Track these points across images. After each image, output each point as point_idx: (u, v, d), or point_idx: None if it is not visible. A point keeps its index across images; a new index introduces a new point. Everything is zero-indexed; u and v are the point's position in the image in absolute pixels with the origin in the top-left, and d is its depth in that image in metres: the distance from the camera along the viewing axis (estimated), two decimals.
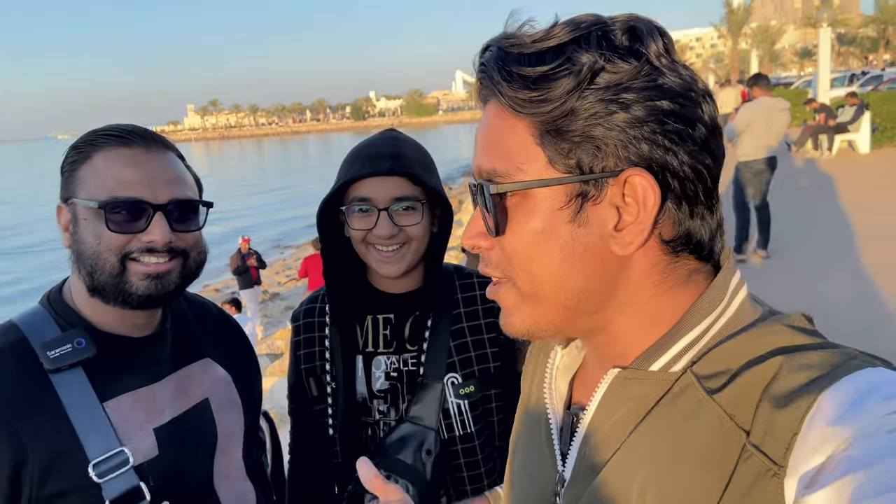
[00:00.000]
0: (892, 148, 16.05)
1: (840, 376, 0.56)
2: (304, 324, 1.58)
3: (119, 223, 1.12)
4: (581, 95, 0.62)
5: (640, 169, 0.62)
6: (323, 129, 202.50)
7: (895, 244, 7.79)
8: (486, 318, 1.52)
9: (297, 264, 14.62)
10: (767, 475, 0.56)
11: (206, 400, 1.28)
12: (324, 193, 1.43)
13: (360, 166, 1.38)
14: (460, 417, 1.46)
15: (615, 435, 0.68)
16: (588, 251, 0.65)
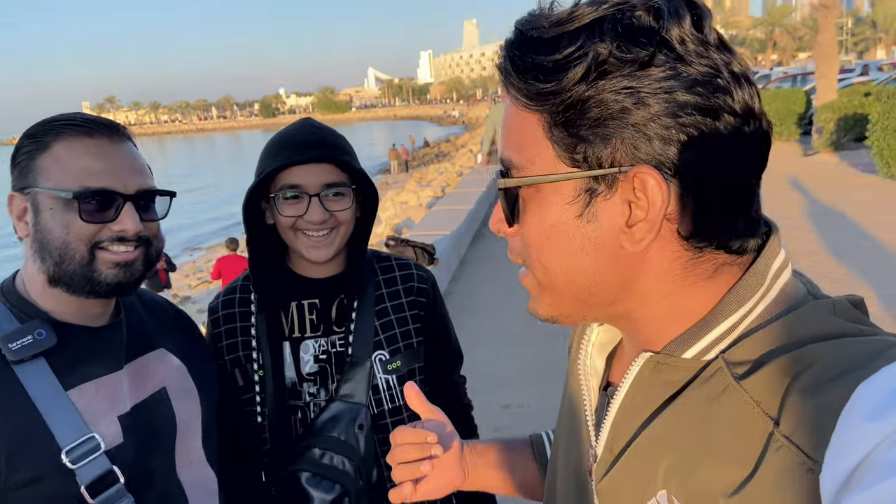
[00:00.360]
0: (780, 143, 17.17)
1: (878, 367, 0.52)
2: (223, 315, 1.59)
3: (91, 213, 1.14)
4: (590, 87, 0.59)
5: (648, 167, 0.59)
6: (230, 127, 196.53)
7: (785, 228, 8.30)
8: (407, 296, 1.61)
9: (208, 266, 14.22)
10: (801, 469, 0.52)
11: (163, 389, 1.30)
12: (234, 193, 1.44)
13: (288, 154, 1.41)
14: (389, 392, 1.54)
15: (642, 416, 0.68)
16: (598, 247, 0.64)
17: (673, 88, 0.58)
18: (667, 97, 0.58)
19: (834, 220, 8.72)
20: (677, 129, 0.58)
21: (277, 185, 1.43)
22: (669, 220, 0.61)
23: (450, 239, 8.20)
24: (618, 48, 0.58)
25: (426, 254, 6.63)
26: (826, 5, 16.23)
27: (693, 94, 0.58)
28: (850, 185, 11.16)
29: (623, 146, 0.60)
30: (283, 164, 1.40)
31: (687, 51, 0.58)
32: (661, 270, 0.64)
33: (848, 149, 14.59)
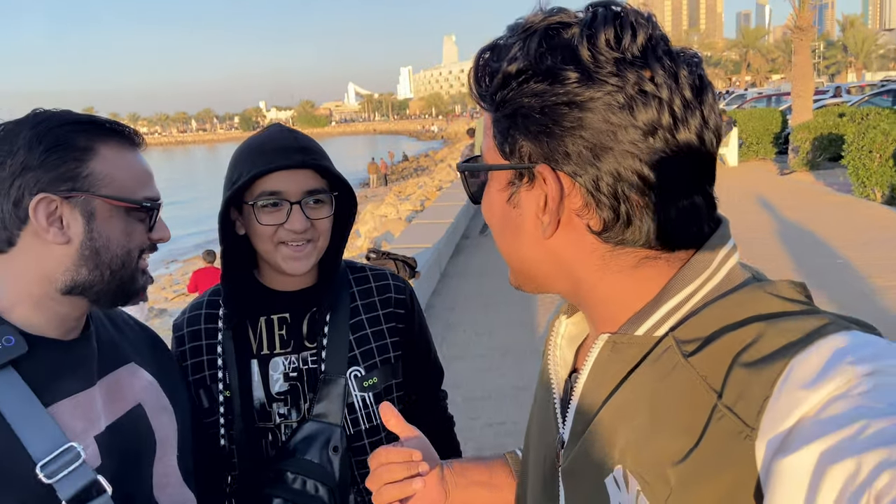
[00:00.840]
0: (756, 161, 17.42)
1: (813, 340, 0.57)
2: (188, 332, 1.49)
3: (145, 221, 1.17)
4: (511, 91, 0.67)
5: (544, 164, 0.67)
6: (210, 140, 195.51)
7: (765, 243, 8.45)
8: (384, 308, 1.52)
9: (185, 279, 14.00)
10: (740, 437, 0.57)
11: (139, 405, 1.23)
12: (211, 205, 1.37)
13: (268, 159, 1.33)
14: (365, 410, 1.45)
15: (601, 395, 0.72)
16: (520, 229, 0.73)
17: (573, 99, 0.64)
18: (566, 107, 0.64)
19: (810, 239, 8.81)
20: (573, 135, 0.65)
21: (255, 192, 1.34)
22: (580, 216, 0.68)
23: (431, 252, 8.14)
24: (537, 60, 0.66)
25: (407, 267, 6.56)
26: (801, 28, 16.57)
27: (589, 106, 0.64)
28: (827, 203, 11.30)
29: (533, 144, 0.68)
30: (263, 169, 1.31)
31: (596, 66, 0.63)
32: (579, 259, 0.71)
33: (823, 168, 14.81)
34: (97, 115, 1.17)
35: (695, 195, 0.67)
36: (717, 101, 0.69)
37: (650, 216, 0.66)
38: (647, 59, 0.64)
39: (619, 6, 0.67)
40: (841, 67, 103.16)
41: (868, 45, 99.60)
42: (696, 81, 0.66)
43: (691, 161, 0.66)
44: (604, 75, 0.63)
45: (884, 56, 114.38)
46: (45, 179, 1.07)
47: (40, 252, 1.08)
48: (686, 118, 0.64)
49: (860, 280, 6.92)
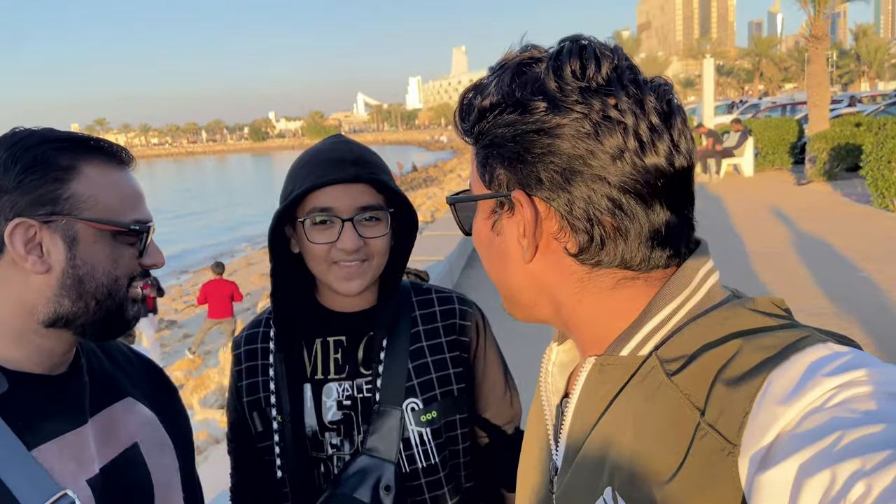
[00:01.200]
0: (772, 171, 17.25)
1: (789, 355, 0.58)
2: (245, 351, 1.40)
3: (135, 245, 1.07)
4: (487, 123, 0.71)
5: (519, 191, 0.70)
6: (220, 151, 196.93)
7: (783, 256, 8.30)
8: (447, 335, 1.38)
9: (195, 290, 13.94)
10: (722, 454, 0.58)
11: (135, 444, 1.13)
12: (222, 216, 1.25)
13: (320, 173, 1.22)
14: (423, 447, 1.32)
15: (591, 418, 0.73)
16: (505, 255, 0.76)
17: (542, 126, 0.67)
18: (535, 134, 0.67)
19: (829, 251, 8.62)
20: (544, 161, 0.68)
21: (306, 208, 1.25)
22: (557, 240, 0.70)
23: (443, 265, 8.03)
24: (508, 93, 0.70)
25: (419, 280, 6.44)
26: (817, 36, 16.41)
27: (557, 133, 0.67)
28: (845, 214, 11.12)
29: (508, 172, 0.71)
30: (312, 184, 1.22)
31: (562, 95, 0.66)
32: (560, 282, 0.73)
33: (841, 178, 14.61)
34: (80, 133, 1.07)
35: (667, 216, 0.68)
36: (688, 126, 0.71)
37: (623, 238, 0.68)
38: (611, 87, 0.66)
39: (585, 40, 0.70)
40: (854, 77, 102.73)
41: (881, 55, 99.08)
42: (664, 107, 0.68)
43: (661, 183, 0.67)
44: (569, 103, 0.66)
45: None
46: (21, 203, 0.97)
47: (19, 282, 0.99)
48: (653, 142, 0.66)
49: (883, 294, 6.74)
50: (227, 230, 29.26)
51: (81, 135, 1.06)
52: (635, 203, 0.67)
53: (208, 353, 11.42)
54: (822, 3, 16.23)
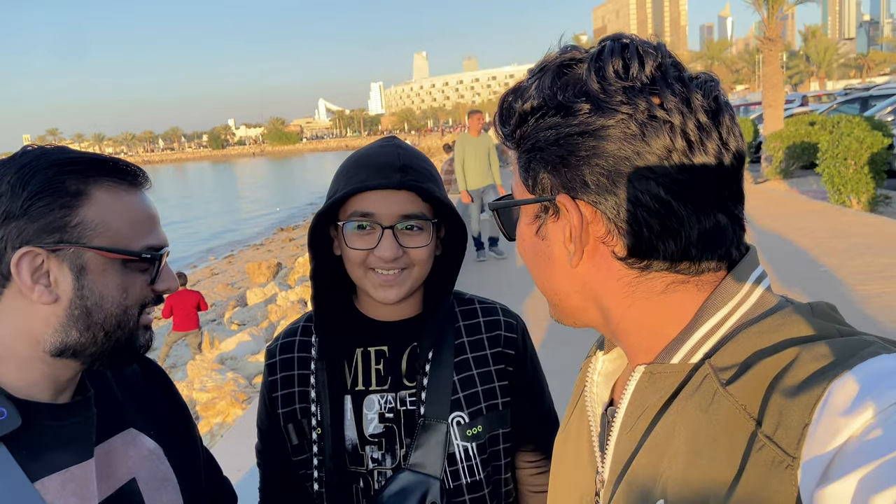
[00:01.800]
0: None
1: (852, 365, 0.55)
2: (280, 360, 1.35)
3: (147, 272, 1.03)
4: (529, 127, 0.70)
5: (564, 195, 0.69)
6: (178, 159, 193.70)
7: None
8: (492, 347, 1.34)
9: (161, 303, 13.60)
10: (780, 466, 0.56)
11: (132, 480, 1.08)
12: (181, 227, 1.21)
13: (364, 177, 1.19)
14: (468, 462, 1.27)
15: (641, 428, 0.70)
16: (550, 260, 0.74)
17: (585, 129, 0.66)
18: (580, 137, 0.66)
19: (790, 248, 8.83)
20: (589, 164, 0.66)
21: (348, 211, 1.21)
22: (605, 243, 0.69)
23: None
24: (550, 96, 0.69)
25: None
26: (771, 38, 16.83)
27: (602, 135, 0.65)
28: (804, 211, 11.40)
29: (552, 176, 0.70)
30: (355, 188, 1.18)
31: (606, 96, 0.65)
32: (608, 287, 0.71)
33: (797, 176, 14.99)
34: (94, 153, 1.03)
35: (717, 217, 0.67)
36: (736, 123, 0.69)
37: (673, 239, 0.66)
38: (656, 86, 0.65)
39: (627, 38, 0.68)
40: (804, 77, 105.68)
41: (829, 55, 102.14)
42: (712, 104, 0.66)
43: (710, 183, 0.66)
44: (614, 104, 0.65)
45: (844, 65, 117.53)
46: (29, 230, 0.93)
47: (26, 311, 0.95)
48: (702, 141, 0.65)
49: (846, 289, 6.91)
50: (190, 240, 28.78)
51: (94, 155, 1.02)
52: (684, 204, 0.65)
53: (174, 368, 11.19)
54: (776, 5, 16.66)
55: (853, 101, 19.43)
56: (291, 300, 11.98)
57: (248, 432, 4.83)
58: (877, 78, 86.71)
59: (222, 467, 1.42)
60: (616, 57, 0.66)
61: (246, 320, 12.94)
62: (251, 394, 7.30)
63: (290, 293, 12.39)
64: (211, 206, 45.07)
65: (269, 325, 11.16)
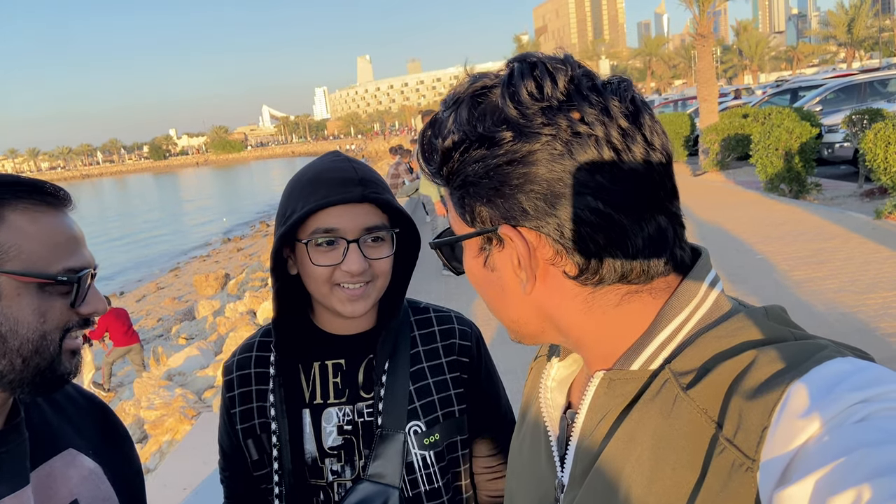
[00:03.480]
0: None
1: (808, 368, 0.56)
2: (237, 377, 1.35)
3: (67, 294, 0.99)
4: (455, 162, 0.69)
5: (505, 225, 0.68)
6: (119, 171, 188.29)
7: None
8: (448, 356, 1.36)
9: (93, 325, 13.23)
10: (741, 469, 0.56)
11: (74, 502, 1.06)
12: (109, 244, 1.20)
13: (324, 193, 1.19)
14: (426, 471, 1.30)
15: (601, 434, 0.70)
16: (503, 289, 0.73)
17: (513, 157, 0.65)
18: (509, 166, 0.65)
19: (727, 237, 9.12)
20: (523, 190, 0.66)
21: (309, 229, 1.21)
22: (554, 265, 0.68)
23: None
24: (470, 129, 0.67)
25: None
26: (703, 35, 17.34)
27: (531, 160, 0.65)
28: (739, 202, 11.78)
29: (489, 208, 0.68)
30: (317, 204, 1.18)
31: (526, 120, 0.65)
32: (564, 306, 0.71)
33: (733, 167, 15.48)
34: (10, 174, 1.00)
35: (658, 219, 0.67)
36: (656, 120, 0.69)
37: (620, 250, 0.66)
38: (573, 101, 0.65)
39: (534, 57, 0.68)
40: (738, 70, 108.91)
41: (761, 48, 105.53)
42: (630, 107, 0.66)
43: (645, 186, 0.66)
44: (535, 128, 0.64)
45: (776, 57, 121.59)
46: None
47: None
48: (628, 146, 0.65)
49: (780, 274, 7.18)
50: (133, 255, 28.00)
51: (10, 176, 1.00)
52: (625, 213, 0.65)
53: (120, 387, 10.89)
54: (707, 3, 17.17)
55: (783, 93, 20.14)
56: (240, 311, 11.79)
57: (195, 450, 4.75)
58: (806, 69, 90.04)
59: (170, 485, 1.41)
60: (527, 78, 0.66)
61: (194, 334, 12.68)
62: (201, 409, 7.16)
63: (239, 304, 12.18)
64: (154, 219, 44.01)
65: (219, 337, 10.96)
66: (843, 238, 8.33)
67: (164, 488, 4.16)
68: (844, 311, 5.83)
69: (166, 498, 4.03)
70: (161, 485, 4.26)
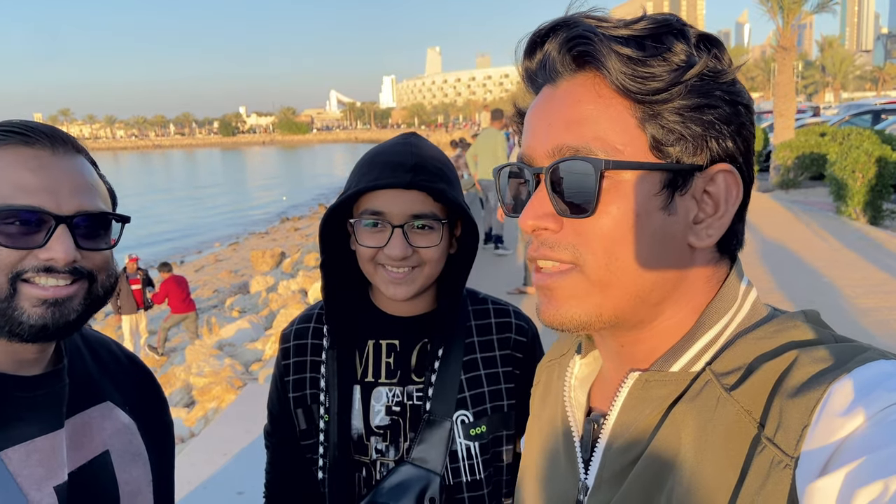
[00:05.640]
0: None
1: (851, 368, 0.56)
2: (294, 346, 1.37)
3: (11, 236, 0.93)
4: (680, 84, 0.63)
5: (728, 165, 0.65)
6: (189, 144, 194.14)
7: (747, 262, 8.33)
8: (502, 349, 1.35)
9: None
10: (779, 466, 0.56)
11: (105, 452, 1.08)
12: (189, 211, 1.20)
13: (375, 175, 1.20)
14: (469, 461, 1.29)
15: (639, 437, 0.68)
16: (673, 240, 0.66)
17: (737, 100, 0.66)
18: (734, 107, 0.65)
19: (793, 258, 8.80)
20: (741, 136, 0.66)
21: (360, 208, 1.23)
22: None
23: None
24: (699, 55, 0.65)
25: None
26: (785, 47, 16.74)
27: (748, 109, 0.67)
28: (809, 222, 11.35)
29: (705, 144, 0.64)
30: (365, 186, 1.20)
31: (732, 72, 0.66)
32: (701, 272, 0.68)
33: (805, 186, 14.93)
34: (19, 119, 1.00)
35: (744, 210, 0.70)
36: None
37: (742, 223, 0.70)
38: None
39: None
40: (819, 87, 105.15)
41: (846, 66, 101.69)
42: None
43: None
44: (732, 72, 0.67)
45: (860, 77, 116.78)
46: None
47: None
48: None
49: (846, 301, 6.89)
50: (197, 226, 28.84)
51: (5, 121, 0.99)
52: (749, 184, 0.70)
53: (174, 352, 11.24)
54: (791, 15, 16.58)
55: (865, 114, 19.31)
56: (293, 289, 12.01)
57: (238, 419, 4.86)
58: (892, 91, 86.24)
59: (210, 451, 1.45)
60: (722, 45, 0.69)
61: (247, 308, 12.99)
62: (247, 380, 7.33)
63: (292, 282, 12.42)
64: (219, 193, 45.19)
65: (270, 313, 11.20)
66: None
67: (205, 453, 4.28)
68: None
69: (206, 462, 4.15)
70: (202, 449, 4.39)
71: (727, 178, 0.65)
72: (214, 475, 3.97)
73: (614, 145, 0.64)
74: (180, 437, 6.23)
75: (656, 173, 0.64)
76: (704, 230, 0.66)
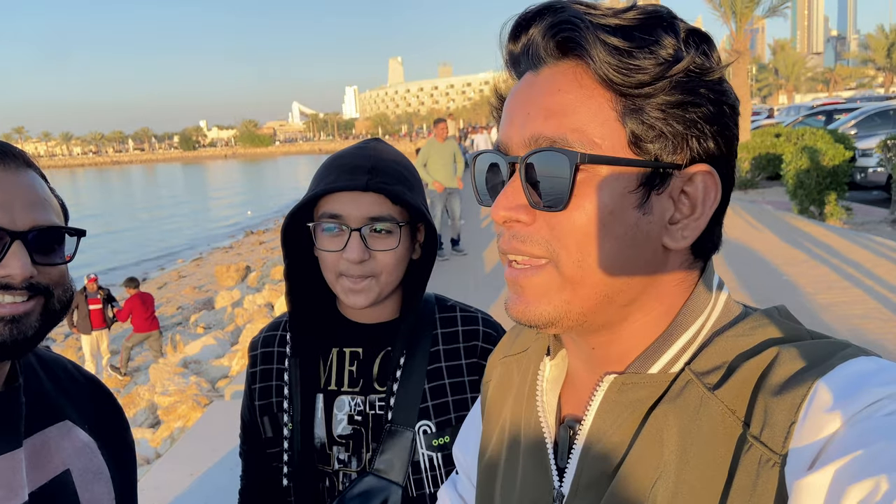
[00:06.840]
0: None
1: (834, 365, 0.56)
2: (261, 353, 1.37)
3: None
4: (665, 79, 0.61)
5: (708, 166, 0.63)
6: (149, 160, 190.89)
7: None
8: (468, 357, 1.32)
9: None
10: (768, 465, 0.56)
11: (66, 471, 1.07)
12: (149, 228, 1.18)
13: (334, 178, 1.19)
14: (432, 472, 1.26)
15: (619, 442, 0.66)
16: (647, 240, 0.63)
17: (723, 99, 0.63)
18: (719, 106, 0.63)
19: (754, 257, 8.98)
20: (723, 137, 0.64)
21: (319, 211, 1.23)
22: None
23: None
24: (686, 50, 0.62)
25: None
26: (738, 51, 17.15)
27: (733, 110, 0.65)
28: (767, 221, 11.60)
29: (686, 143, 0.62)
30: (323, 189, 1.19)
31: (721, 71, 0.64)
32: (673, 274, 0.66)
33: (762, 186, 15.28)
34: None
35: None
36: None
37: (720, 227, 0.69)
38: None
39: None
40: (773, 90, 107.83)
41: (798, 69, 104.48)
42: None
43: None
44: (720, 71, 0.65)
45: (812, 78, 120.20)
46: None
47: None
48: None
49: (805, 297, 7.05)
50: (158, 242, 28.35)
51: None
52: (728, 184, 0.68)
53: (137, 371, 10.99)
54: (744, 19, 17.01)
55: (819, 114, 19.86)
56: (259, 304, 11.86)
57: (204, 437, 4.76)
58: (843, 92, 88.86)
59: (177, 471, 1.42)
60: (712, 42, 0.68)
61: (212, 323, 12.78)
62: (213, 398, 7.19)
63: (258, 296, 12.26)
64: (181, 208, 44.51)
65: (236, 328, 11.03)
66: (872, 264, 8.15)
67: (171, 473, 4.18)
68: (870, 338, 5.70)
69: (172, 482, 4.06)
70: (168, 469, 4.29)
71: (706, 180, 0.63)
72: (182, 495, 3.88)
73: (592, 138, 0.62)
74: (146, 458, 6.08)
75: (633, 170, 0.62)
76: (680, 231, 0.64)
